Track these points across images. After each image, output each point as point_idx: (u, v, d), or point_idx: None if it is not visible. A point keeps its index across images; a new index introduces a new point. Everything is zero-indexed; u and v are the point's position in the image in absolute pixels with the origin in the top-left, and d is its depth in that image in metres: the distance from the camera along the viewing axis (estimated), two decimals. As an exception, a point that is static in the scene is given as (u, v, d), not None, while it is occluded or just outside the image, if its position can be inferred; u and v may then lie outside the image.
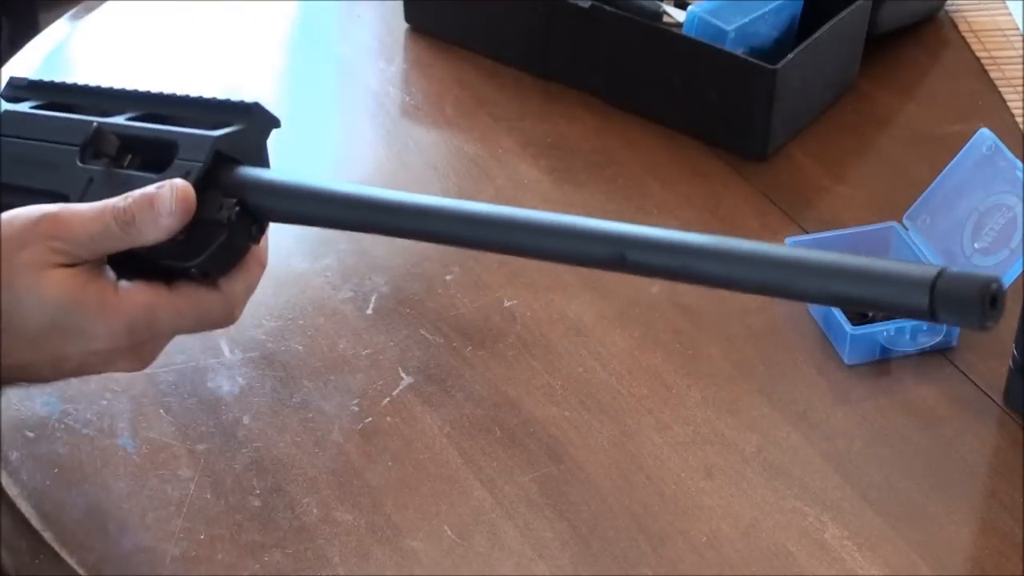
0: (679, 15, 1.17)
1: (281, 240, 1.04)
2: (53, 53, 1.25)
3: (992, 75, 1.24)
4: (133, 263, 0.71)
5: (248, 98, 0.73)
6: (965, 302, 0.57)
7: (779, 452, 0.90)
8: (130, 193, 0.70)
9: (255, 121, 0.73)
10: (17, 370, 0.72)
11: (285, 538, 0.84)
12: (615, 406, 0.93)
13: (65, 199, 0.72)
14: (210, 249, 0.70)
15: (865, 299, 0.59)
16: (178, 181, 0.70)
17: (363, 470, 0.88)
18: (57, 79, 0.79)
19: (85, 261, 0.70)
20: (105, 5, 1.31)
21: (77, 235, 0.69)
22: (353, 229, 0.72)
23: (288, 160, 1.15)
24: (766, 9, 1.15)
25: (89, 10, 1.30)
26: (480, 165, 1.14)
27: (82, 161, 0.73)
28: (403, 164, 1.14)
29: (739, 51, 1.13)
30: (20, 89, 0.80)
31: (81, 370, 0.74)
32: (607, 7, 1.16)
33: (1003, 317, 0.59)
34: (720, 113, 1.14)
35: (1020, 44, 1.27)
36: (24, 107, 0.78)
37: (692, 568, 0.83)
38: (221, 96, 0.74)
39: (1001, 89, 1.22)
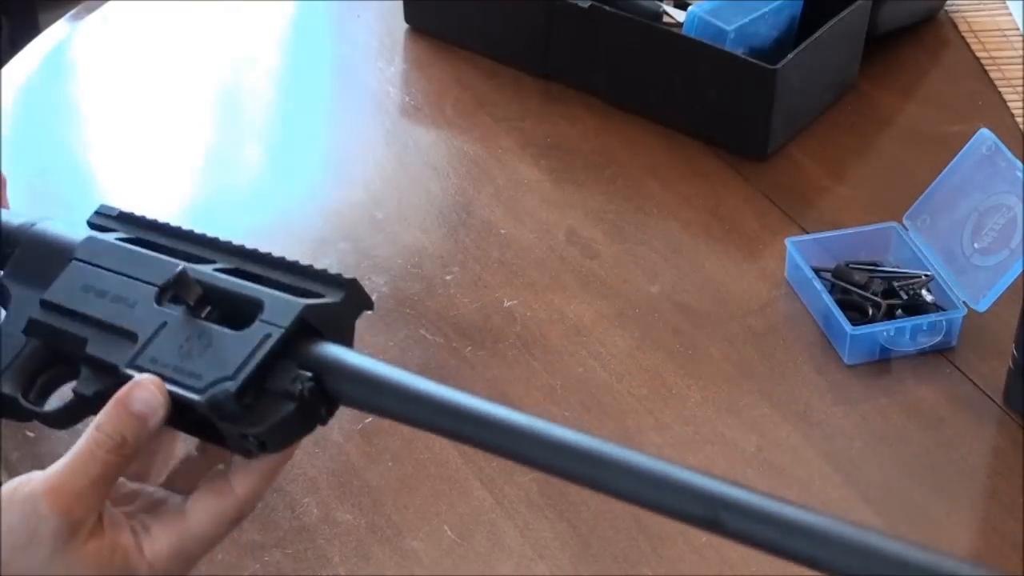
0: (679, 15, 1.17)
1: (280, 239, 1.04)
2: (53, 53, 1.25)
3: (992, 75, 1.24)
4: (187, 417, 0.68)
5: (347, 275, 0.69)
6: None
7: (779, 452, 0.90)
8: (102, 414, 0.66)
9: (349, 298, 0.68)
10: None
11: (285, 538, 0.84)
12: (615, 406, 0.93)
13: (134, 338, 0.68)
14: (274, 420, 0.65)
15: None
16: (143, 377, 0.66)
17: (363, 470, 0.88)
18: (149, 216, 0.75)
19: (97, 515, 0.66)
20: (105, 5, 1.31)
21: (81, 492, 0.65)
22: (435, 433, 0.66)
23: (288, 161, 1.16)
24: (766, 9, 1.15)
25: (89, 10, 1.30)
26: (480, 165, 1.14)
27: (159, 303, 0.69)
28: (403, 164, 1.14)
29: (739, 51, 1.13)
30: (109, 219, 0.76)
31: None
32: (607, 7, 1.16)
33: None
34: (720, 113, 1.14)
35: (1020, 44, 1.27)
36: (110, 237, 0.74)
37: (692, 568, 0.83)
38: (319, 266, 0.70)
39: (1001, 89, 1.22)
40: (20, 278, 0.74)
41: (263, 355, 0.65)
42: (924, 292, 0.98)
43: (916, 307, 0.98)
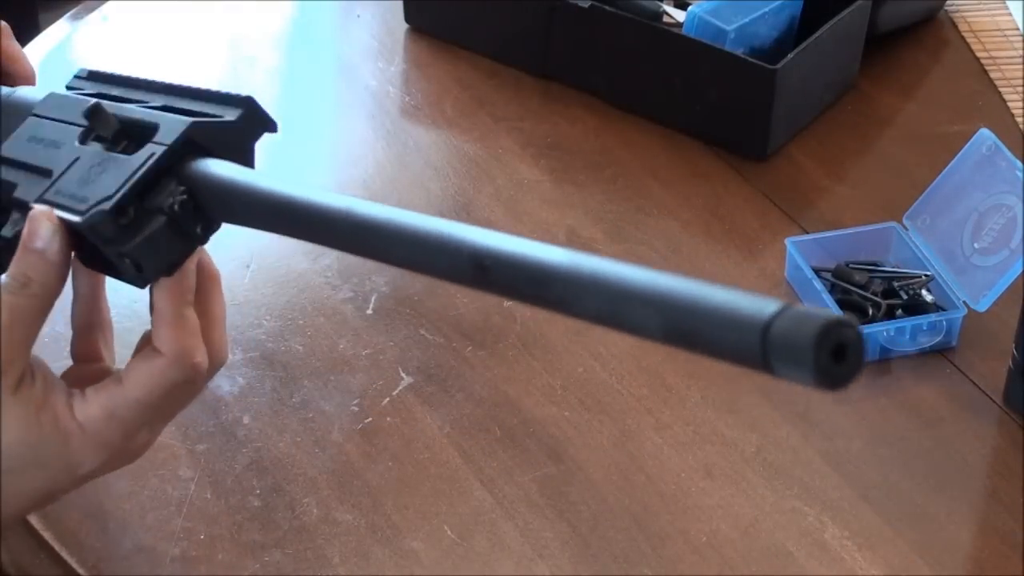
0: (679, 15, 1.17)
1: (281, 240, 1.04)
2: (53, 53, 1.25)
3: (992, 75, 1.24)
4: (88, 249, 0.68)
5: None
6: (798, 349, 0.45)
7: (779, 452, 0.90)
8: (13, 259, 0.66)
9: (245, 117, 0.67)
10: (15, 517, 0.69)
11: (285, 538, 0.84)
12: (615, 406, 0.93)
13: (50, 175, 0.69)
14: (142, 235, 0.64)
15: (695, 336, 0.49)
16: (36, 210, 0.66)
17: (363, 470, 0.88)
18: (116, 71, 0.77)
19: (22, 366, 0.65)
20: (105, 5, 1.31)
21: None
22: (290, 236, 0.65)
23: (287, 161, 1.16)
24: (766, 9, 1.15)
25: (89, 10, 1.30)
26: (480, 165, 1.14)
27: (83, 142, 0.70)
28: (403, 164, 1.14)
29: (739, 51, 1.13)
30: (81, 80, 0.78)
31: (78, 487, 0.70)
32: (607, 7, 1.16)
33: (856, 374, 0.46)
34: (720, 113, 1.14)
35: (1020, 44, 1.27)
36: (71, 94, 0.76)
37: (692, 568, 0.83)
38: (219, 89, 0.70)
39: (1001, 89, 1.22)
40: None
41: (143, 173, 0.64)
42: (924, 292, 0.98)
43: (916, 307, 0.98)
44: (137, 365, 0.67)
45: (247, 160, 0.67)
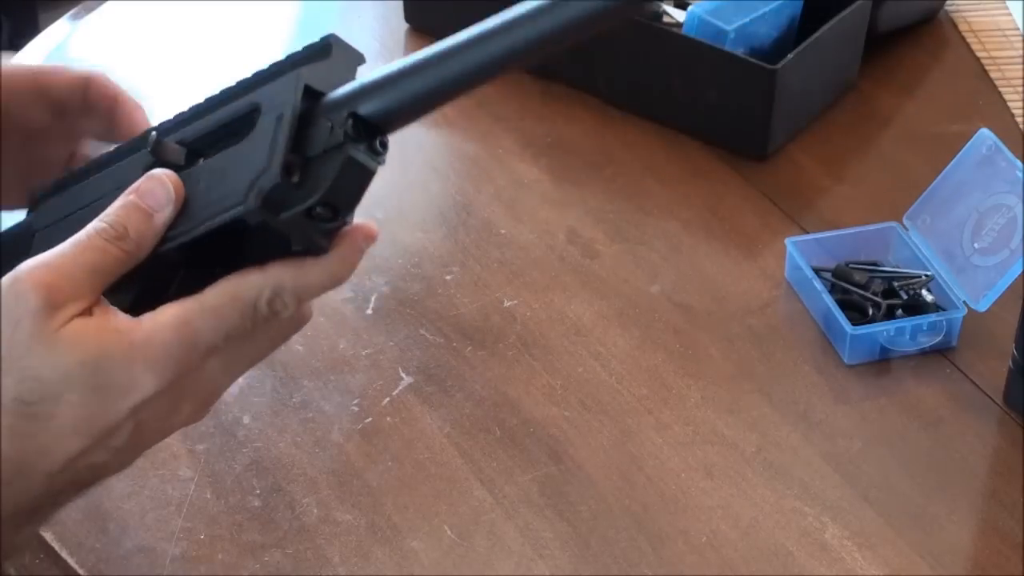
0: (679, 15, 1.17)
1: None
2: (53, 53, 1.25)
3: (992, 75, 1.24)
4: (243, 245, 0.62)
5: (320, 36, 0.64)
6: None
7: (779, 452, 0.90)
8: (111, 206, 0.62)
9: (338, 56, 0.64)
10: (78, 471, 0.61)
11: (285, 538, 0.84)
12: (615, 406, 0.93)
13: None
14: (334, 173, 0.59)
15: None
16: (158, 171, 0.62)
17: (363, 470, 0.88)
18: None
19: (87, 301, 0.60)
20: (105, 5, 1.31)
21: (68, 272, 0.59)
22: (490, 75, 0.64)
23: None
24: (766, 9, 1.15)
25: (89, 10, 1.30)
26: (480, 165, 1.14)
27: None
28: (403, 164, 1.14)
29: (739, 51, 1.13)
30: (45, 196, 0.71)
31: (143, 437, 0.62)
32: (607, 7, 1.16)
33: None
34: (720, 113, 1.14)
35: (1020, 44, 1.27)
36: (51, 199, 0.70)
37: (692, 568, 0.83)
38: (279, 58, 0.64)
39: (1001, 89, 1.22)
40: None
41: (287, 131, 0.60)
42: (924, 292, 0.98)
43: (916, 307, 0.98)
44: (228, 279, 0.62)
45: None
